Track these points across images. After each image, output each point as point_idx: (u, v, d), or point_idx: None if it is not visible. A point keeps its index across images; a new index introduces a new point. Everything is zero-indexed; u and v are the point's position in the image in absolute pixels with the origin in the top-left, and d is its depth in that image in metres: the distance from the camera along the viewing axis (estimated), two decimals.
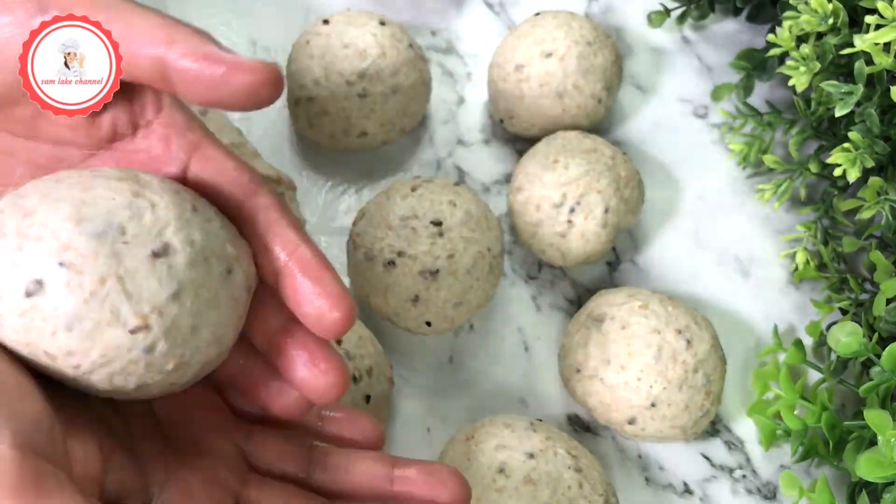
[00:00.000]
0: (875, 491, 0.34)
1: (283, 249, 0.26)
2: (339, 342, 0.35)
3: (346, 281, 0.41)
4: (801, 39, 0.39)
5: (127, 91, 0.28)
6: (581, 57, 0.42)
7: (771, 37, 0.39)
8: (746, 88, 0.45)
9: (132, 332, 0.22)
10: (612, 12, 0.50)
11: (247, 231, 0.27)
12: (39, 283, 0.22)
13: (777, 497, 0.39)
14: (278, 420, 0.28)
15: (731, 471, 0.39)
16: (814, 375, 0.41)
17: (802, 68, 0.38)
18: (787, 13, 0.38)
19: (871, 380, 0.34)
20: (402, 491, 0.27)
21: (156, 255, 0.23)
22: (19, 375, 0.22)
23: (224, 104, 0.26)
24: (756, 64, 0.45)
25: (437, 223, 0.37)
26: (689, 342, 0.36)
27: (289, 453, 0.28)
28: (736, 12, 0.48)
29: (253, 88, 0.25)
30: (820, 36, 0.39)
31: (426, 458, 0.38)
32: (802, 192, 0.43)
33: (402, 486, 0.28)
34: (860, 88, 0.36)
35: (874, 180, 0.38)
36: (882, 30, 0.34)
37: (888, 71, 0.36)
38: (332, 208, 0.43)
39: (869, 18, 0.35)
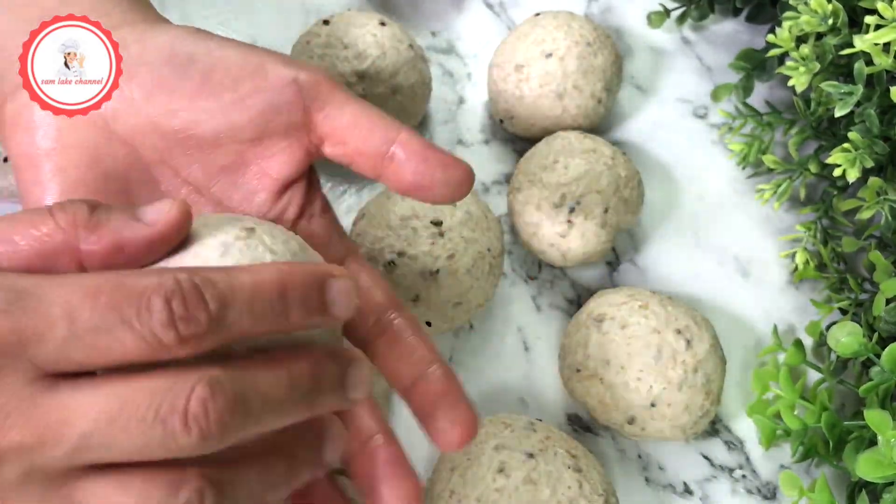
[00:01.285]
0: (875, 491, 0.34)
1: (418, 368, 0.28)
2: None
3: None
4: (800, 40, 0.39)
5: (310, 180, 0.31)
6: (581, 57, 0.42)
7: (771, 37, 0.39)
8: (746, 89, 0.45)
9: None
10: (612, 13, 0.50)
11: (371, 350, 0.29)
12: None
13: (777, 497, 0.39)
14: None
15: (730, 471, 0.39)
16: (814, 375, 0.41)
17: (802, 69, 0.38)
18: (787, 13, 0.38)
19: (871, 380, 0.34)
20: None
21: None
22: None
23: (432, 195, 0.29)
24: (756, 64, 0.45)
25: (437, 223, 0.37)
26: (688, 342, 0.36)
27: None
28: (736, 13, 0.48)
29: (460, 181, 0.29)
30: (820, 36, 0.39)
31: (426, 459, 0.38)
32: (802, 193, 0.43)
33: None
34: (860, 89, 0.36)
35: (874, 180, 0.38)
36: (882, 30, 0.34)
37: (888, 71, 0.36)
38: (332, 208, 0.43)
39: (868, 19, 0.35)
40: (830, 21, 0.36)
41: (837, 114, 0.36)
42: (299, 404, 0.23)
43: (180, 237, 0.23)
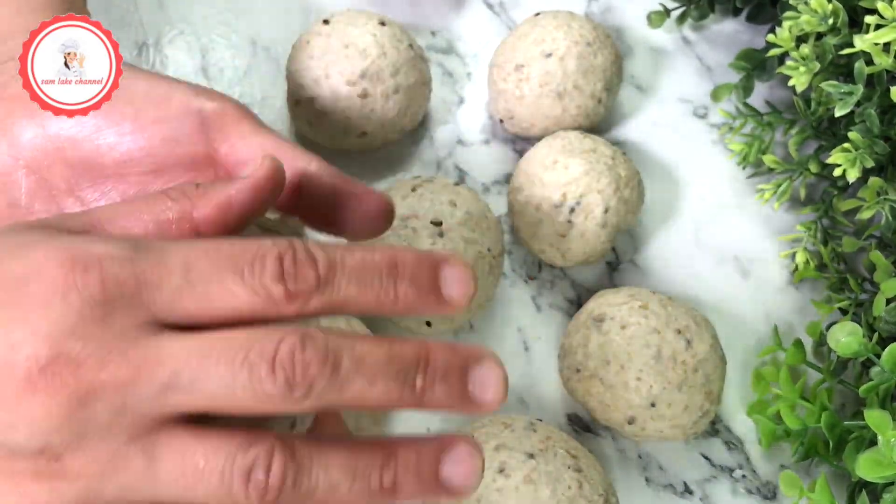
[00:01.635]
0: (875, 491, 0.34)
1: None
2: None
3: None
4: (800, 39, 0.39)
5: None
6: (581, 57, 0.42)
7: (771, 37, 0.39)
8: (746, 88, 0.45)
9: None
10: (612, 12, 0.50)
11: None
12: None
13: (777, 497, 0.39)
14: None
15: (730, 471, 0.39)
16: (814, 375, 0.41)
17: (802, 68, 0.38)
18: (787, 13, 0.38)
19: (871, 380, 0.34)
20: None
21: None
22: None
23: (346, 229, 0.28)
24: (756, 64, 0.45)
25: (438, 223, 0.37)
26: (688, 342, 0.36)
27: None
28: (736, 12, 0.48)
29: (376, 216, 0.27)
30: (820, 36, 0.39)
31: None
32: (802, 193, 0.43)
33: None
34: (860, 88, 0.36)
35: (874, 180, 0.38)
36: (882, 30, 0.34)
37: (888, 71, 0.36)
38: None
39: (869, 18, 0.35)
40: (830, 21, 0.36)
41: (837, 114, 0.36)
42: (399, 383, 0.21)
43: (279, 185, 0.25)
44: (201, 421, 0.21)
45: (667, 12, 0.48)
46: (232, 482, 0.20)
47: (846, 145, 0.36)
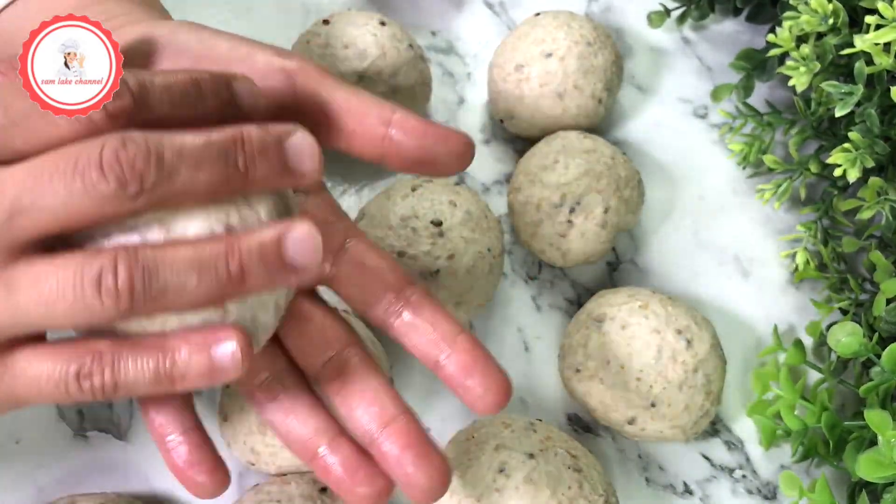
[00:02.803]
0: (875, 491, 0.34)
1: (444, 341, 0.29)
2: None
3: None
4: (801, 39, 0.39)
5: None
6: (581, 57, 0.42)
7: (771, 37, 0.39)
8: (746, 89, 0.45)
9: None
10: (612, 12, 0.50)
11: (394, 331, 0.30)
12: None
13: (777, 497, 0.39)
14: None
15: (731, 471, 0.39)
16: (814, 375, 0.41)
17: (802, 68, 0.38)
18: (787, 13, 0.38)
19: (871, 380, 0.34)
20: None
21: None
22: None
23: (436, 169, 0.29)
24: (756, 64, 0.45)
25: (438, 223, 0.37)
26: (689, 342, 0.36)
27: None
28: (736, 12, 0.48)
29: (461, 152, 0.29)
30: (820, 36, 0.39)
31: None
32: (802, 193, 0.43)
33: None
34: (860, 88, 0.36)
35: (874, 180, 0.38)
36: (882, 30, 0.34)
37: (888, 71, 0.36)
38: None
39: (869, 18, 0.35)
40: (831, 21, 0.36)
41: (838, 114, 0.36)
42: (222, 165, 0.23)
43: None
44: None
45: (667, 12, 0.48)
46: (84, 293, 0.22)
47: (846, 145, 0.36)
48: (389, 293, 0.29)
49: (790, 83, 0.38)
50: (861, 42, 0.35)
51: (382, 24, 0.42)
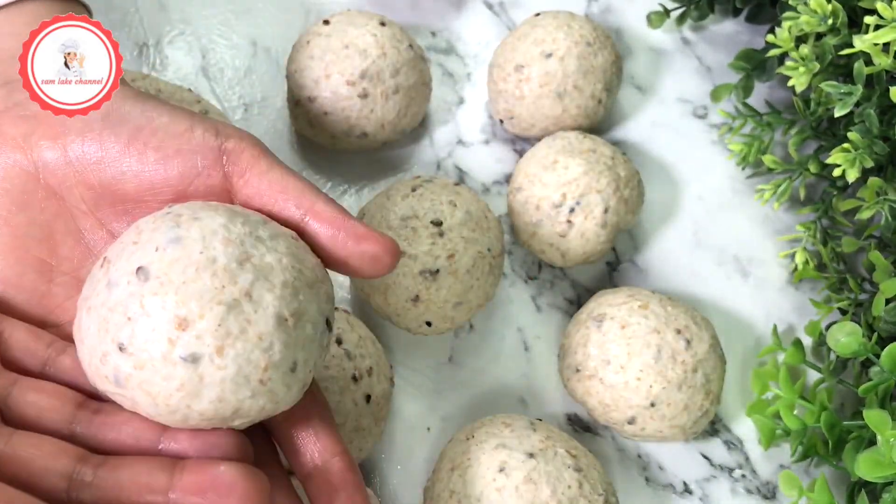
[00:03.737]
0: (874, 491, 0.34)
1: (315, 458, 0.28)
2: (339, 342, 0.35)
3: (346, 281, 0.41)
4: (800, 40, 0.39)
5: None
6: (581, 57, 0.42)
7: (770, 37, 0.39)
8: (746, 89, 0.45)
9: None
10: (612, 13, 0.50)
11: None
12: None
13: (776, 497, 0.39)
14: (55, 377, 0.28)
15: (730, 470, 0.39)
16: (813, 375, 0.41)
17: (802, 69, 0.38)
18: (787, 14, 0.38)
19: (871, 380, 0.34)
20: (171, 449, 0.27)
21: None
22: None
23: (347, 268, 0.28)
24: (755, 64, 0.45)
25: (438, 223, 0.37)
26: (688, 342, 0.36)
27: (53, 407, 0.27)
28: (735, 13, 0.48)
29: (376, 255, 0.28)
30: (819, 36, 0.39)
31: (427, 459, 0.38)
32: (802, 193, 0.43)
33: (172, 448, 0.27)
34: (859, 89, 0.36)
35: (873, 180, 0.38)
36: (881, 30, 0.34)
37: (887, 71, 0.36)
38: None
39: (868, 19, 0.35)
40: (830, 21, 0.36)
41: (837, 114, 0.36)
42: None
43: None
44: None
45: (666, 13, 0.48)
46: None
47: (846, 145, 0.36)
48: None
49: (789, 83, 0.38)
50: (860, 42, 0.35)
51: (382, 24, 0.42)
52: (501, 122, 0.45)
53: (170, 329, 0.23)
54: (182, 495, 0.24)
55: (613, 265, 0.44)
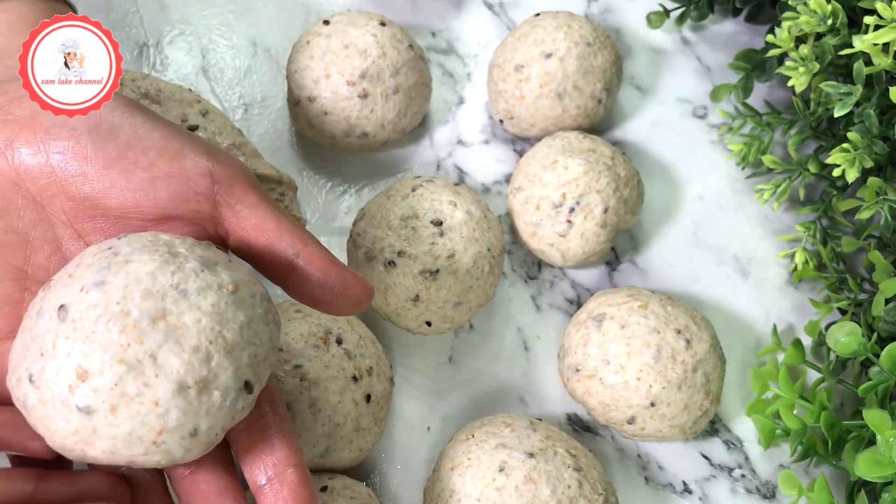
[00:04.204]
0: (874, 490, 0.34)
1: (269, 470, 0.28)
2: (339, 342, 0.35)
3: None
4: (800, 40, 0.39)
5: None
6: (581, 58, 0.42)
7: (770, 37, 0.39)
8: (745, 89, 0.45)
9: None
10: (612, 13, 0.50)
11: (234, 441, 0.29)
12: None
13: (776, 496, 0.39)
14: None
15: (730, 470, 0.39)
16: (813, 375, 0.41)
17: (801, 69, 0.38)
18: (787, 14, 0.38)
19: (870, 379, 0.34)
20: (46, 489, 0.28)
21: None
22: None
23: (330, 308, 0.29)
24: (755, 64, 0.45)
25: (438, 223, 0.37)
26: (688, 342, 0.36)
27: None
28: (735, 13, 0.48)
29: (359, 300, 0.29)
30: (819, 36, 0.39)
31: (426, 459, 0.38)
32: (801, 193, 0.43)
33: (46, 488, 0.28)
34: (859, 89, 0.36)
35: (873, 180, 0.38)
36: (881, 30, 0.34)
37: (887, 71, 0.36)
38: (332, 208, 0.43)
39: (868, 19, 0.35)
40: (830, 21, 0.36)
41: (837, 114, 0.36)
42: None
43: None
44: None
45: (666, 13, 0.48)
46: None
47: (845, 145, 0.36)
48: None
49: (789, 83, 0.38)
50: (860, 42, 0.35)
51: (382, 24, 0.42)
52: (501, 122, 0.45)
53: (71, 376, 0.23)
54: None
55: (613, 265, 0.44)
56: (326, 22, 0.43)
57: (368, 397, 0.35)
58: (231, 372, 0.24)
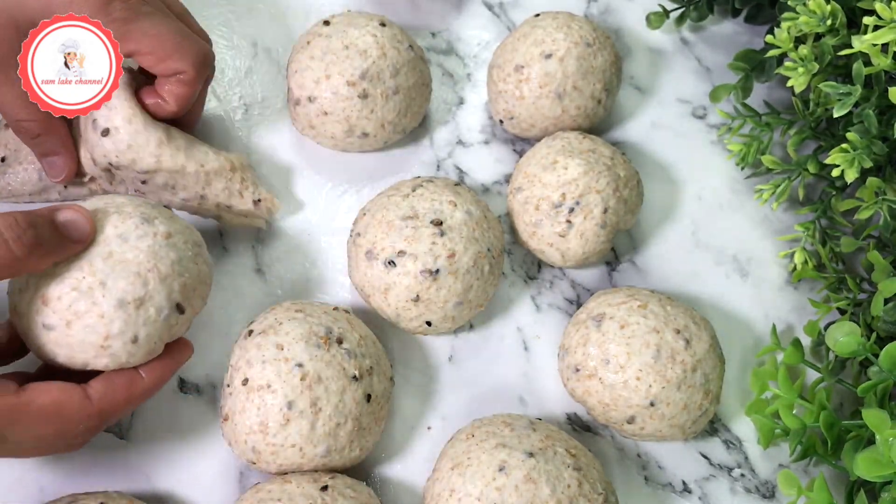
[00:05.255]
0: (873, 490, 0.34)
1: None
2: (339, 342, 0.35)
3: (347, 281, 0.41)
4: (799, 40, 0.39)
5: None
6: (581, 58, 0.42)
7: (769, 38, 0.39)
8: (745, 89, 0.45)
9: None
10: (612, 13, 0.50)
11: None
12: None
13: (775, 496, 0.39)
14: None
15: (729, 470, 0.40)
16: (812, 375, 0.41)
17: (801, 69, 0.38)
18: (786, 14, 0.38)
19: (869, 379, 0.34)
20: None
21: None
22: None
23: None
24: (754, 65, 0.45)
25: (438, 223, 0.37)
26: (687, 342, 0.36)
27: None
28: (734, 13, 0.48)
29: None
30: (818, 37, 0.39)
31: (426, 458, 0.38)
32: (801, 193, 0.43)
33: None
34: (858, 89, 0.36)
35: (872, 180, 0.38)
36: (880, 31, 0.34)
37: (886, 72, 0.36)
38: (332, 208, 0.43)
39: (867, 20, 0.35)
40: (829, 22, 0.36)
41: (836, 114, 0.36)
42: None
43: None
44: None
45: (666, 13, 0.48)
46: None
47: (844, 146, 0.36)
48: None
49: (788, 84, 0.38)
50: (859, 43, 0.35)
51: (383, 24, 0.42)
52: (501, 122, 0.45)
53: (38, 302, 0.31)
54: None
55: (613, 265, 0.44)
56: (327, 22, 0.43)
57: (369, 397, 0.35)
58: (164, 294, 0.32)
